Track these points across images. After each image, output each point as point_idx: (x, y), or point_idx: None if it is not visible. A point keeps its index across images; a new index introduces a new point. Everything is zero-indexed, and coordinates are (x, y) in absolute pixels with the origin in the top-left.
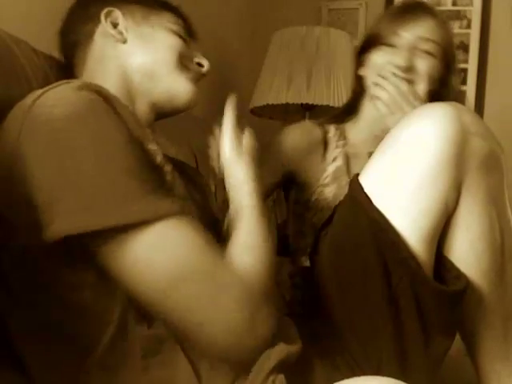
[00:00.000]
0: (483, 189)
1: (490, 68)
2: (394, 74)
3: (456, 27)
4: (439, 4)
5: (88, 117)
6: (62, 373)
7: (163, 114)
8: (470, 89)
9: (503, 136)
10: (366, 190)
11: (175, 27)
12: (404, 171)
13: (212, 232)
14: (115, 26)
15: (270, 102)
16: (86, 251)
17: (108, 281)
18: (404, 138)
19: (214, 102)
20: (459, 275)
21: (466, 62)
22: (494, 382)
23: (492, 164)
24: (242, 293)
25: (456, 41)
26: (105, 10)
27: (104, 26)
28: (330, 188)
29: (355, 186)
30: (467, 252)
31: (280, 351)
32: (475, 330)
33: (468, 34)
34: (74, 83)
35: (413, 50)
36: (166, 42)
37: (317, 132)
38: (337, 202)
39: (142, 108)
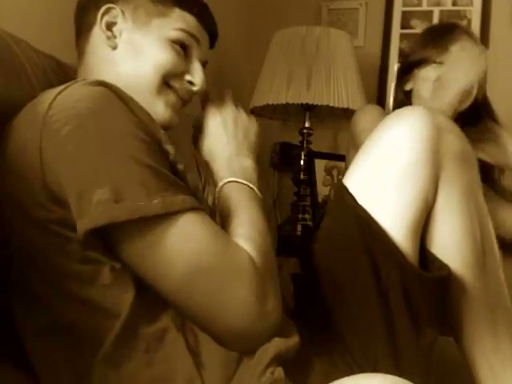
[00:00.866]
0: (460, 183)
1: (490, 68)
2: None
3: None
4: (439, 4)
5: (110, 112)
6: (68, 368)
7: None
8: None
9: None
10: (351, 191)
11: (177, 34)
12: (386, 169)
13: None
14: (112, 25)
15: (270, 102)
16: (102, 247)
17: (120, 277)
18: (384, 140)
19: None
20: (442, 266)
21: None
22: (487, 373)
23: (466, 159)
24: (255, 279)
25: None
26: (104, 7)
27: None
28: None
29: (340, 188)
30: (448, 244)
31: (278, 345)
32: (463, 321)
33: None
34: (87, 81)
35: None
36: (153, 60)
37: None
38: None
39: None
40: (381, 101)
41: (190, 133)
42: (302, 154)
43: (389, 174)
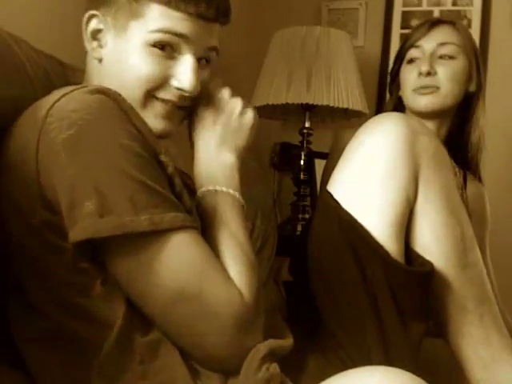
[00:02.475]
0: (437, 181)
1: (490, 68)
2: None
3: None
4: (439, 4)
5: (106, 123)
6: (64, 375)
7: None
8: None
9: (503, 136)
10: (336, 194)
11: (155, 37)
12: (368, 172)
13: None
14: (96, 33)
15: (270, 102)
16: (94, 258)
17: (112, 288)
18: (365, 145)
19: None
20: (424, 262)
21: None
22: (479, 367)
23: (440, 159)
24: (240, 314)
25: None
26: (87, 15)
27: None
28: None
29: (325, 195)
30: (429, 239)
31: (270, 343)
32: (450, 316)
33: None
34: (86, 88)
35: (434, 56)
36: (134, 73)
37: None
38: None
39: None
40: (381, 101)
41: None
42: (302, 154)
43: (371, 175)
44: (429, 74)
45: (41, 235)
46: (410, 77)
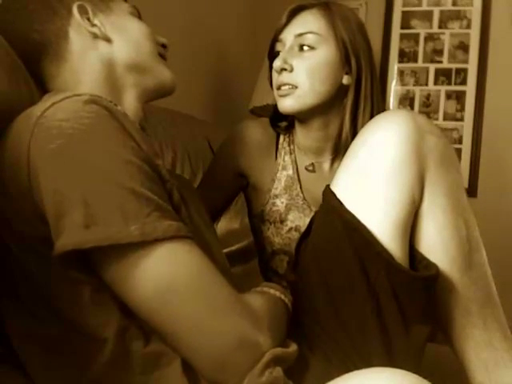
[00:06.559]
0: (443, 182)
1: (490, 68)
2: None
3: (456, 27)
4: (439, 4)
5: (96, 133)
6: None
7: (147, 101)
8: (470, 89)
9: (503, 135)
10: (339, 194)
11: (131, 9)
12: (372, 171)
13: (209, 251)
14: (89, 19)
15: (270, 102)
16: (84, 267)
17: (103, 296)
18: (369, 144)
19: (214, 102)
20: (429, 264)
21: (466, 62)
22: (481, 370)
23: (447, 160)
24: (238, 325)
25: (456, 41)
26: (76, 4)
27: (78, 22)
28: (281, 199)
29: (328, 194)
30: (434, 241)
31: (275, 350)
32: (453, 318)
33: (468, 34)
34: (83, 96)
35: (293, 49)
36: (140, 31)
37: (271, 132)
38: (289, 214)
39: (130, 100)
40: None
41: (188, 133)
42: None
43: (375, 175)
44: (284, 70)
45: (32, 245)
46: (273, 74)
